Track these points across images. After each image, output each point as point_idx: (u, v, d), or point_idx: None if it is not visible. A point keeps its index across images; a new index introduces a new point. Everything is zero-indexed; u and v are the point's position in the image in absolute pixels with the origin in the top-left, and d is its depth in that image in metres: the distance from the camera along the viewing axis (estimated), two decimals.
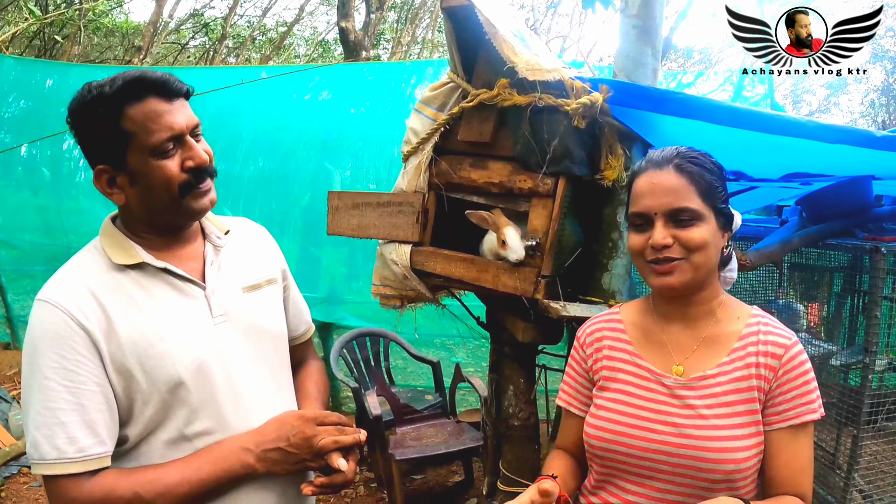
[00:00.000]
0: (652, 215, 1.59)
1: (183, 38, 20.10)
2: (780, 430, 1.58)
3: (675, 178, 1.59)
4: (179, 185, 1.54)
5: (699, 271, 1.59)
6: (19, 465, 4.91)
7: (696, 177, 1.58)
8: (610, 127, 2.37)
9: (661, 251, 1.57)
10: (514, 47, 2.29)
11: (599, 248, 2.54)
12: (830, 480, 3.01)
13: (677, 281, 1.59)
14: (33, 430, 1.43)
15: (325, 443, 1.61)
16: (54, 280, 1.53)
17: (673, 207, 1.57)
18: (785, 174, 2.70)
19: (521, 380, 2.73)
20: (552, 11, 17.55)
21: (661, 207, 1.58)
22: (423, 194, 2.67)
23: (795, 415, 1.57)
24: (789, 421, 1.57)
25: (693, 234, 1.56)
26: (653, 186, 1.60)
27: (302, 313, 2.02)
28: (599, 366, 1.77)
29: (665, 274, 1.59)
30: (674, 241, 1.56)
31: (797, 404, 1.57)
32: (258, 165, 7.34)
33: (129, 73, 1.52)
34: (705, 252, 1.58)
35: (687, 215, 1.57)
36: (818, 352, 3.20)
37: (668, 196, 1.58)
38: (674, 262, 1.57)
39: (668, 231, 1.57)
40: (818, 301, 3.85)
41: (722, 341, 1.66)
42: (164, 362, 1.51)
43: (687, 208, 1.56)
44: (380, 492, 4.83)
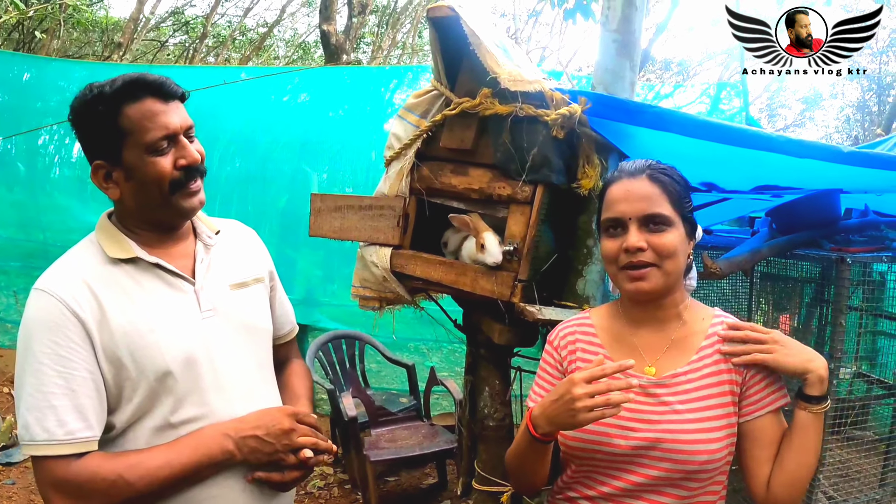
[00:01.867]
0: (626, 220, 1.67)
1: (163, 35, 19.97)
2: (761, 416, 1.66)
3: (648, 185, 1.67)
4: (170, 182, 1.62)
5: (670, 277, 1.67)
6: (5, 458, 4.88)
7: (667, 185, 1.67)
8: (587, 137, 2.43)
9: (635, 255, 1.64)
10: (497, 58, 2.35)
11: (575, 254, 2.59)
12: None
13: (649, 286, 1.66)
14: (25, 412, 1.50)
15: (304, 441, 1.68)
16: (51, 271, 1.60)
17: (647, 213, 1.65)
18: (756, 186, 2.77)
19: (497, 381, 2.78)
20: (533, 20, 17.64)
21: (635, 213, 1.66)
22: (404, 199, 2.72)
23: (771, 401, 1.67)
24: (767, 407, 1.66)
25: (665, 239, 1.64)
26: (627, 193, 1.68)
27: (287, 314, 2.10)
28: (574, 367, 1.82)
29: (638, 279, 1.66)
30: (647, 245, 1.64)
31: (768, 393, 1.67)
32: (235, 166, 7.31)
33: (128, 74, 1.62)
34: (675, 258, 1.66)
35: (660, 220, 1.65)
36: None
37: (643, 202, 1.65)
38: (646, 269, 1.65)
39: (641, 235, 1.65)
40: (789, 312, 3.93)
41: (690, 341, 1.73)
42: (153, 352, 1.58)
43: (660, 214, 1.64)
44: (354, 493, 4.86)
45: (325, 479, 5.11)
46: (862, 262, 2.91)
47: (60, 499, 1.50)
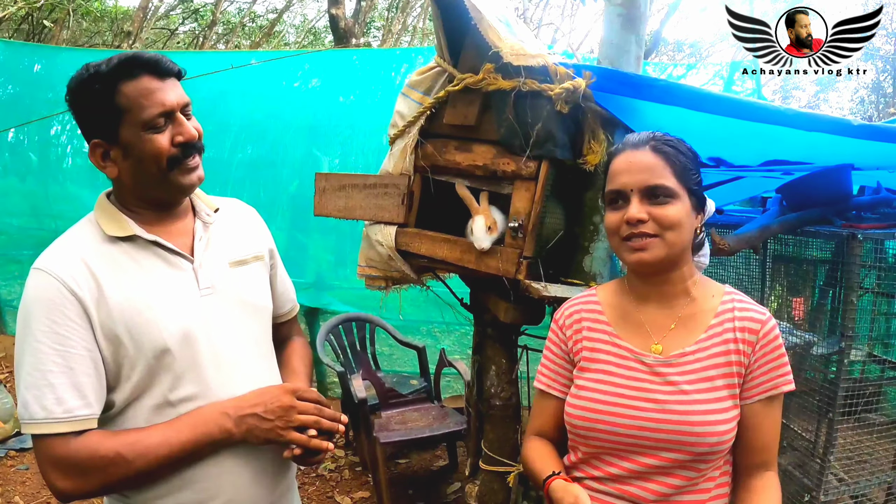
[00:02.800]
0: (628, 192, 1.64)
1: (173, 23, 19.99)
2: (757, 401, 1.64)
3: (651, 156, 1.64)
4: (168, 159, 1.62)
5: (673, 248, 1.63)
6: (6, 449, 4.92)
7: (671, 157, 1.64)
8: (593, 112, 2.41)
9: (636, 226, 1.61)
10: (499, 33, 2.32)
11: (581, 231, 2.57)
12: (809, 468, 3.06)
13: (650, 256, 1.63)
14: (24, 391, 1.51)
15: (306, 420, 1.67)
16: (50, 250, 1.61)
17: (648, 184, 1.62)
18: (765, 161, 2.74)
19: (503, 360, 2.76)
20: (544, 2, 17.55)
21: (637, 184, 1.63)
22: (408, 176, 2.70)
23: (772, 386, 1.64)
24: (767, 392, 1.63)
25: (668, 210, 1.61)
26: (629, 164, 1.65)
27: (288, 291, 2.10)
28: (580, 347, 1.80)
29: (639, 250, 1.63)
30: (648, 217, 1.61)
31: (774, 376, 1.64)
32: (247, 152, 7.33)
33: (124, 53, 1.62)
34: (679, 230, 1.62)
35: (662, 192, 1.61)
36: (800, 341, 3.25)
37: (644, 173, 1.62)
38: (647, 239, 1.62)
39: (643, 207, 1.62)
40: (803, 295, 3.89)
41: (698, 319, 1.70)
42: (151, 330, 1.58)
43: (662, 185, 1.61)
44: (364, 475, 4.87)
45: (335, 461, 5.12)
46: (874, 239, 2.87)
47: (59, 476, 1.51)
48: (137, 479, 1.56)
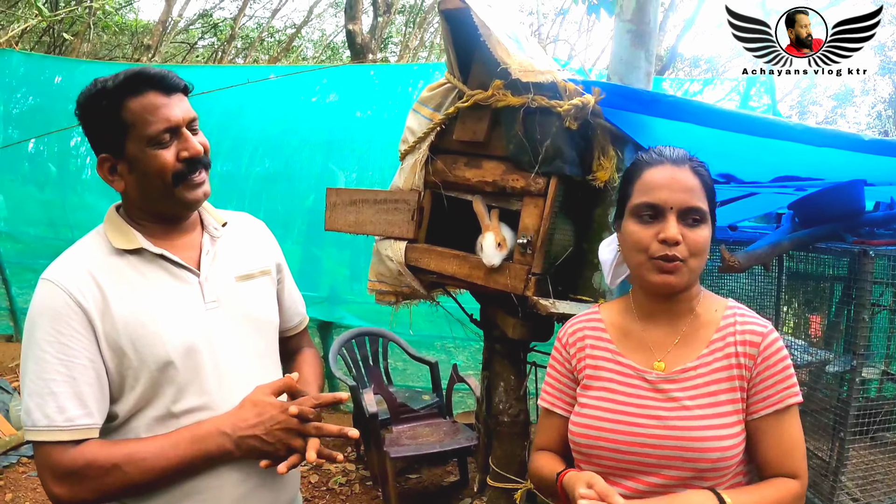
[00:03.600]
0: (667, 209, 1.59)
1: (192, 37, 20.17)
2: (765, 416, 1.60)
3: (692, 177, 1.60)
4: (173, 174, 1.62)
5: (694, 274, 1.62)
6: (18, 455, 4.95)
7: (705, 179, 1.62)
8: (602, 129, 2.41)
9: (672, 247, 1.58)
10: (507, 49, 2.33)
11: (590, 247, 2.57)
12: (822, 487, 3.03)
13: (677, 281, 1.60)
14: (27, 398, 1.52)
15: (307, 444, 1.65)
16: (58, 261, 1.62)
17: (689, 205, 1.58)
18: (775, 177, 2.73)
19: (512, 376, 2.76)
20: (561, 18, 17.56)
21: (678, 203, 1.59)
22: (418, 192, 2.71)
23: (778, 399, 1.60)
24: (773, 406, 1.60)
25: (698, 236, 1.58)
26: (672, 181, 1.60)
27: (296, 305, 2.10)
28: (583, 365, 1.78)
29: (668, 273, 1.60)
30: (681, 239, 1.59)
31: (779, 389, 1.60)
32: (264, 166, 7.38)
33: (131, 69, 1.63)
34: (703, 256, 1.61)
35: (698, 215, 1.59)
36: (815, 359, 3.22)
37: (686, 193, 1.59)
38: (677, 263, 1.59)
39: (679, 228, 1.59)
40: (820, 312, 3.86)
41: (700, 334, 1.68)
42: (155, 342, 1.59)
43: (700, 208, 1.59)
44: (375, 489, 4.85)
45: (346, 475, 5.11)
46: (887, 255, 2.84)
47: (56, 484, 1.52)
48: (134, 490, 1.57)
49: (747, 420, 1.62)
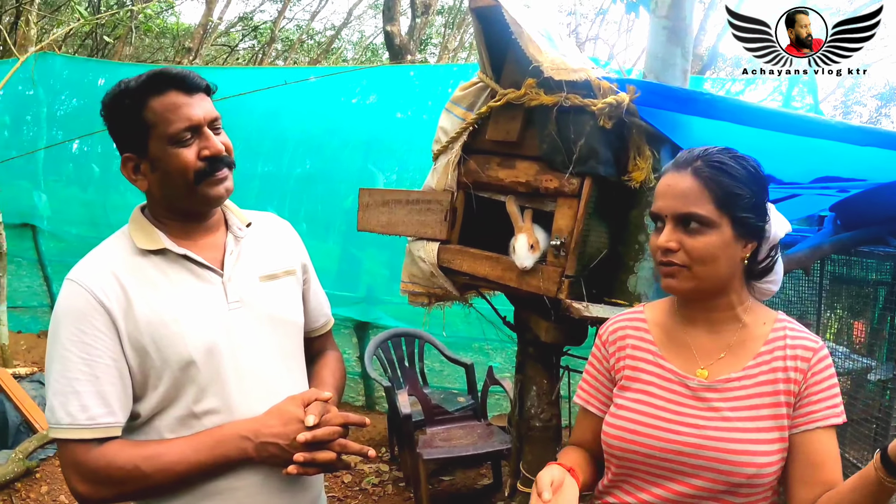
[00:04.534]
0: (663, 217, 1.57)
1: (233, 40, 20.40)
2: (805, 432, 1.55)
3: (689, 181, 1.54)
4: (195, 172, 1.63)
5: (703, 282, 1.56)
6: (56, 448, 5.01)
7: (711, 182, 1.53)
8: (637, 128, 2.36)
9: (665, 255, 1.55)
10: (539, 46, 2.30)
11: (625, 250, 2.52)
12: None
13: (679, 286, 1.56)
14: (51, 396, 1.54)
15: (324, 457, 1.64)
16: (83, 262, 1.64)
17: (679, 212, 1.53)
18: (816, 178, 2.65)
19: (545, 380, 2.72)
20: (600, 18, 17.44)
21: (670, 210, 1.55)
22: (451, 192, 2.69)
23: (821, 417, 1.54)
24: (815, 423, 1.54)
25: (698, 242, 1.52)
26: (668, 188, 1.57)
27: (322, 306, 2.09)
28: (622, 365, 1.74)
29: (668, 276, 1.57)
30: (679, 246, 1.54)
31: (823, 407, 1.55)
32: (304, 167, 7.43)
33: (154, 69, 1.65)
34: (711, 264, 1.54)
35: (696, 221, 1.53)
36: (856, 366, 3.13)
37: (678, 200, 1.54)
38: (676, 268, 1.55)
39: (675, 235, 1.54)
40: (863, 318, 3.76)
41: (748, 346, 1.63)
42: (177, 342, 1.59)
43: (694, 214, 1.52)
44: (407, 490, 4.84)
45: (379, 475, 5.11)
46: None
47: (79, 481, 1.55)
48: (155, 491, 1.58)
49: (789, 434, 1.57)
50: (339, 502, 4.72)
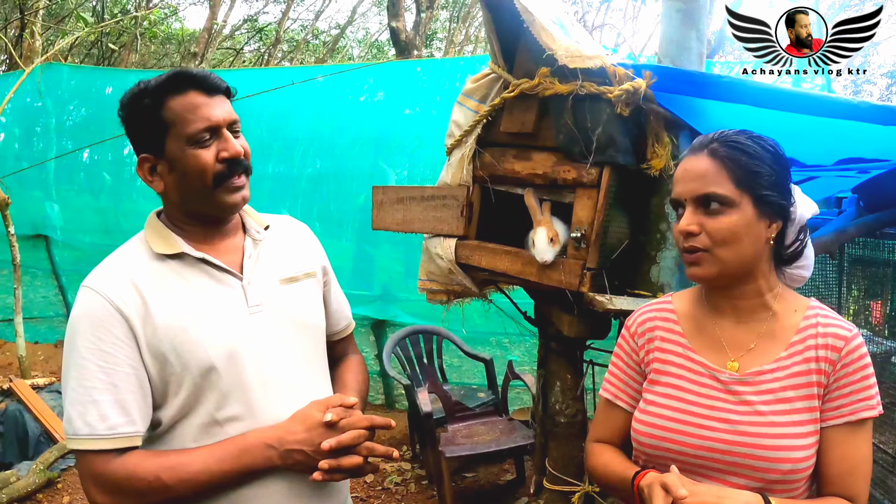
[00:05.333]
0: (683, 201, 1.54)
1: (238, 43, 20.43)
2: (835, 426, 1.51)
3: (706, 162, 1.52)
4: (214, 175, 1.61)
5: (727, 265, 1.52)
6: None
7: (728, 161, 1.50)
8: (655, 114, 2.31)
9: (687, 239, 1.52)
10: (552, 34, 2.25)
11: (647, 239, 2.48)
12: (890, 483, 2.90)
13: (702, 272, 1.53)
14: (68, 406, 1.52)
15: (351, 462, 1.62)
16: (99, 268, 1.62)
17: (698, 193, 1.51)
18: (839, 160, 2.61)
19: (568, 375, 2.68)
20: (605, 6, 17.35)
21: (689, 193, 1.53)
22: (467, 187, 2.65)
23: (852, 411, 1.50)
24: (845, 417, 1.50)
25: (720, 223, 1.49)
26: (685, 172, 1.55)
27: (343, 309, 2.06)
28: (651, 357, 1.70)
29: (692, 264, 1.54)
30: (700, 229, 1.50)
31: (854, 400, 1.50)
32: (315, 166, 7.44)
33: (173, 69, 1.65)
34: (734, 245, 1.50)
35: (715, 201, 1.49)
36: (879, 349, 3.09)
37: (696, 181, 1.51)
38: (699, 254, 1.51)
39: (696, 218, 1.51)
40: (881, 298, 3.72)
41: (779, 336, 1.58)
42: (197, 348, 1.57)
43: (714, 194, 1.49)
44: (430, 489, 4.82)
45: (402, 474, 5.09)
46: None
47: (99, 493, 1.52)
48: (178, 502, 1.54)
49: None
50: (363, 502, 4.70)
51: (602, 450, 1.79)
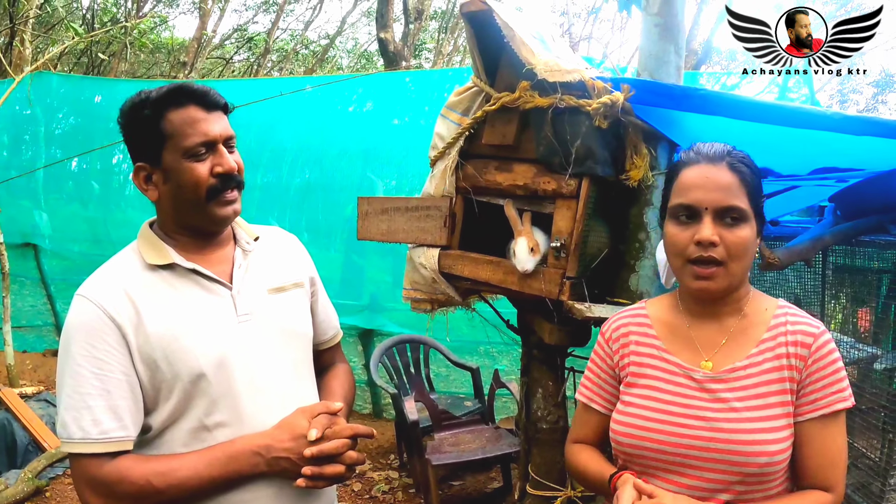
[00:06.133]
0: (702, 209, 1.55)
1: (227, 53, 20.43)
2: (810, 420, 1.55)
3: (729, 175, 1.55)
4: (208, 189, 1.65)
5: (735, 278, 1.57)
6: (65, 467, 4.99)
7: (746, 177, 1.55)
8: (634, 126, 2.36)
9: (707, 249, 1.54)
10: (532, 49, 2.29)
11: (626, 248, 2.52)
12: (873, 489, 2.93)
13: (716, 286, 1.56)
14: (63, 411, 1.56)
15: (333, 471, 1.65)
16: (93, 278, 1.66)
17: (724, 205, 1.53)
18: (814, 169, 2.65)
19: (550, 382, 2.72)
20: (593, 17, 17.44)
21: (712, 203, 1.54)
22: (450, 198, 2.69)
23: (826, 404, 1.54)
24: (820, 410, 1.55)
25: (737, 236, 1.53)
26: (706, 180, 1.56)
27: (331, 319, 2.10)
28: (627, 361, 1.74)
29: (705, 278, 1.56)
30: (719, 241, 1.54)
31: (828, 393, 1.55)
32: (304, 176, 7.46)
33: (175, 83, 1.69)
34: (745, 259, 1.56)
35: (736, 214, 1.53)
36: (862, 356, 3.12)
37: (721, 192, 1.54)
38: (714, 268, 1.54)
39: (715, 229, 1.54)
40: (868, 307, 3.75)
41: (750, 333, 1.63)
42: (188, 356, 1.61)
43: (737, 207, 1.53)
44: (418, 497, 4.83)
45: (389, 482, 5.10)
46: None
47: (92, 496, 1.56)
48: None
49: (794, 423, 1.57)
50: None
51: (580, 449, 1.84)
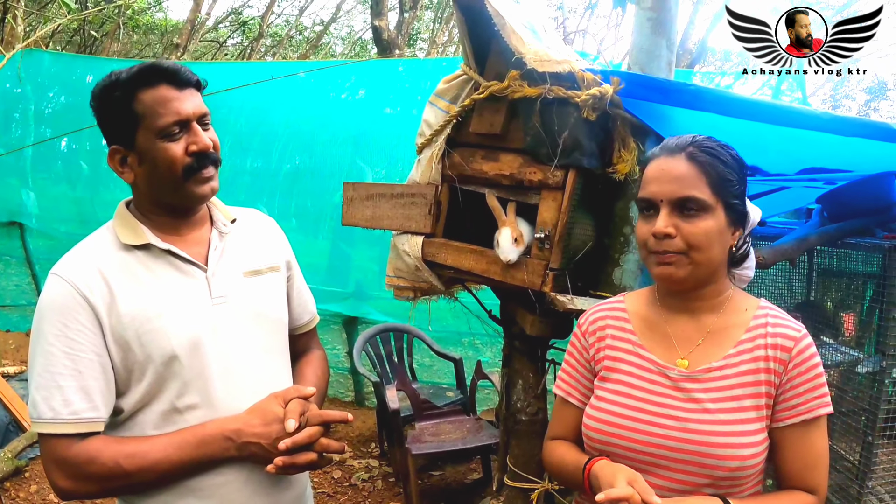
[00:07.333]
0: (658, 202, 1.55)
1: (221, 36, 20.34)
2: (792, 425, 1.54)
3: (685, 165, 1.54)
4: (183, 168, 1.64)
5: (699, 268, 1.55)
6: None
7: (707, 167, 1.53)
8: (622, 120, 2.34)
9: (662, 241, 1.53)
10: (522, 38, 2.28)
11: (611, 242, 2.51)
12: (852, 492, 2.94)
13: (676, 273, 1.55)
14: (33, 391, 1.55)
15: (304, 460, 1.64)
16: (67, 257, 1.65)
17: (678, 196, 1.52)
18: (802, 169, 2.65)
19: (531, 374, 2.71)
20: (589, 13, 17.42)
21: (666, 195, 1.54)
22: (436, 186, 2.67)
23: (808, 409, 1.53)
24: (802, 416, 1.53)
25: (696, 227, 1.51)
26: (661, 173, 1.56)
27: (306, 303, 2.09)
28: (602, 355, 1.73)
29: (665, 264, 1.55)
30: (676, 232, 1.52)
31: (810, 398, 1.54)
32: (294, 163, 7.44)
33: (146, 62, 1.68)
34: (708, 249, 1.53)
35: (693, 205, 1.51)
36: (845, 359, 3.13)
37: (675, 184, 1.53)
38: (673, 256, 1.53)
39: (671, 220, 1.52)
40: (853, 311, 3.76)
41: (728, 333, 1.61)
42: (160, 337, 1.60)
43: (693, 198, 1.51)
44: (398, 486, 4.84)
45: (369, 471, 5.11)
46: None
47: (61, 476, 1.55)
48: (137, 488, 1.59)
49: (772, 428, 1.56)
50: (330, 498, 4.71)
51: (556, 445, 1.82)
